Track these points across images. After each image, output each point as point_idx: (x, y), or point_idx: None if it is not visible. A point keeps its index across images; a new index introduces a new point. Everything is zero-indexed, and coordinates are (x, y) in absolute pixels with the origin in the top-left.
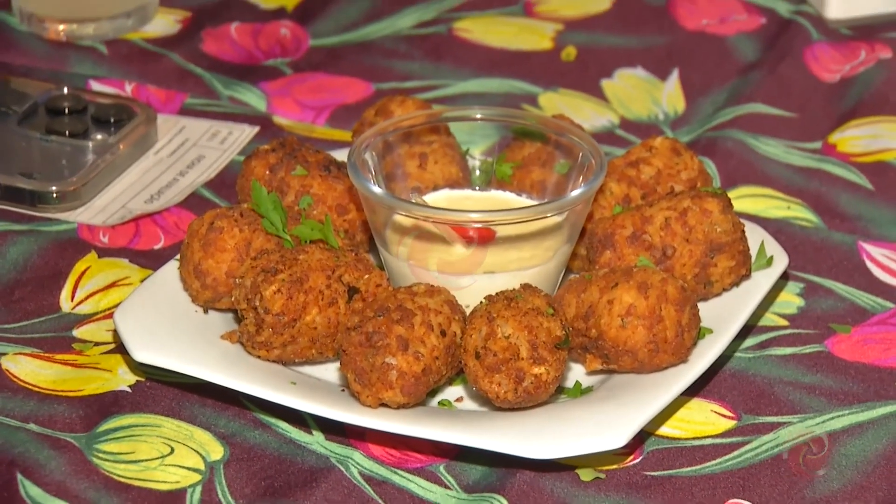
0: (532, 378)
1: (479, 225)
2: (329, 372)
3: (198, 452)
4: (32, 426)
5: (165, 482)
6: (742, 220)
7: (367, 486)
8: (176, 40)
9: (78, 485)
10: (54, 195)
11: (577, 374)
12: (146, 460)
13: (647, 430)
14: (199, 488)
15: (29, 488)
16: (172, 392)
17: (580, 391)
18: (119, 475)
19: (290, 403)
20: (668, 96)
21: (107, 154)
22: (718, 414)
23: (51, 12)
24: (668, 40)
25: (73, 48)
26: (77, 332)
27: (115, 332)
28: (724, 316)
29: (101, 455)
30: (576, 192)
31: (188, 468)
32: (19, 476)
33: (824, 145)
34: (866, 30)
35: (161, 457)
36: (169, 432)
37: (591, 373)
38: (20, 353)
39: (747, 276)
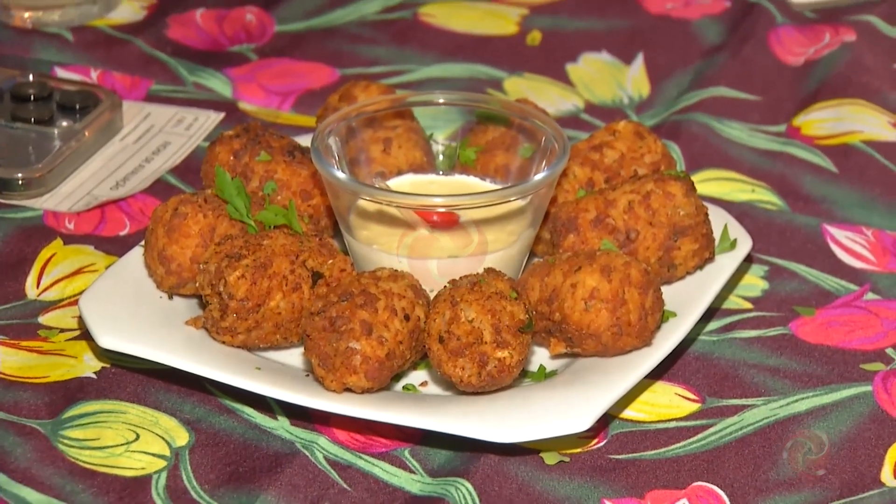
0: (495, 362)
1: (443, 209)
2: (294, 357)
3: (163, 438)
4: None
5: (131, 468)
6: (706, 204)
7: (332, 470)
8: (141, 26)
9: (43, 471)
10: (20, 182)
11: (541, 357)
12: (111, 447)
13: (611, 413)
14: (164, 474)
15: None
16: (138, 378)
17: (544, 375)
18: (84, 461)
19: (255, 389)
20: (633, 80)
21: (72, 141)
22: (682, 397)
23: None
24: (632, 24)
25: (39, 35)
26: (42, 319)
27: (81, 319)
28: (688, 299)
29: (66, 441)
30: (539, 176)
31: (153, 454)
32: None
33: (788, 128)
34: (831, 12)
35: (126, 443)
36: (134, 418)
37: (555, 356)
38: None
39: (711, 259)
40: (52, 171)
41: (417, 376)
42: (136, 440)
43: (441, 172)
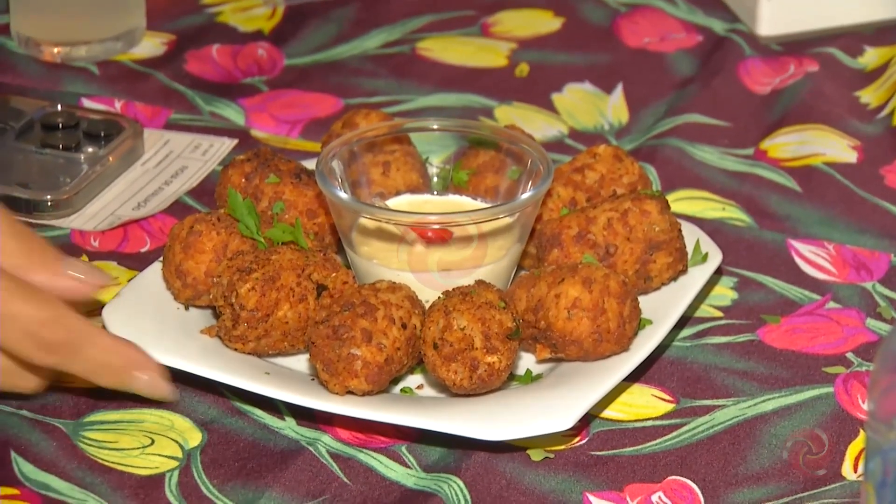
0: (486, 366)
1: (438, 226)
2: (300, 363)
3: (176, 442)
4: (25, 412)
5: (145, 468)
6: (679, 220)
7: (333, 463)
8: (161, 61)
9: (66, 464)
10: (49, 203)
11: (527, 362)
12: (127, 449)
13: (593, 413)
14: (176, 472)
15: (22, 465)
16: None
17: (530, 378)
18: (102, 459)
19: (264, 392)
20: (613, 108)
21: (97, 165)
22: (658, 398)
23: (46, 36)
24: (612, 57)
25: (67, 69)
26: None
27: (104, 328)
28: (663, 308)
29: (86, 441)
30: (525, 196)
31: (167, 456)
32: (13, 454)
33: (756, 151)
34: (795, 45)
35: (142, 447)
36: (151, 426)
37: (541, 361)
38: None
39: (684, 271)
40: (79, 194)
41: (414, 380)
42: (151, 444)
43: (436, 193)
